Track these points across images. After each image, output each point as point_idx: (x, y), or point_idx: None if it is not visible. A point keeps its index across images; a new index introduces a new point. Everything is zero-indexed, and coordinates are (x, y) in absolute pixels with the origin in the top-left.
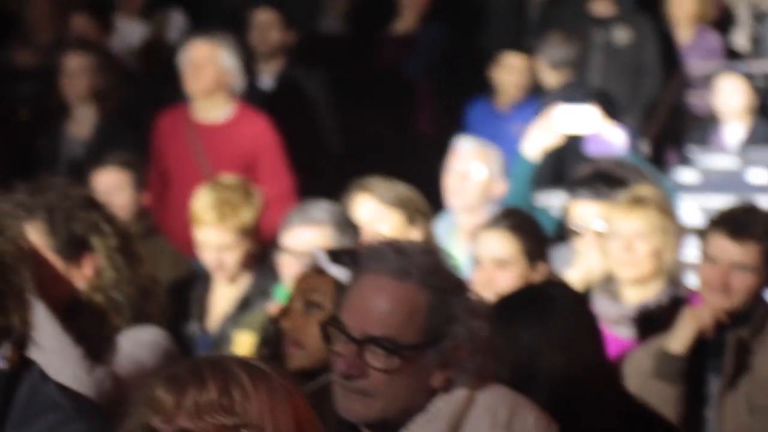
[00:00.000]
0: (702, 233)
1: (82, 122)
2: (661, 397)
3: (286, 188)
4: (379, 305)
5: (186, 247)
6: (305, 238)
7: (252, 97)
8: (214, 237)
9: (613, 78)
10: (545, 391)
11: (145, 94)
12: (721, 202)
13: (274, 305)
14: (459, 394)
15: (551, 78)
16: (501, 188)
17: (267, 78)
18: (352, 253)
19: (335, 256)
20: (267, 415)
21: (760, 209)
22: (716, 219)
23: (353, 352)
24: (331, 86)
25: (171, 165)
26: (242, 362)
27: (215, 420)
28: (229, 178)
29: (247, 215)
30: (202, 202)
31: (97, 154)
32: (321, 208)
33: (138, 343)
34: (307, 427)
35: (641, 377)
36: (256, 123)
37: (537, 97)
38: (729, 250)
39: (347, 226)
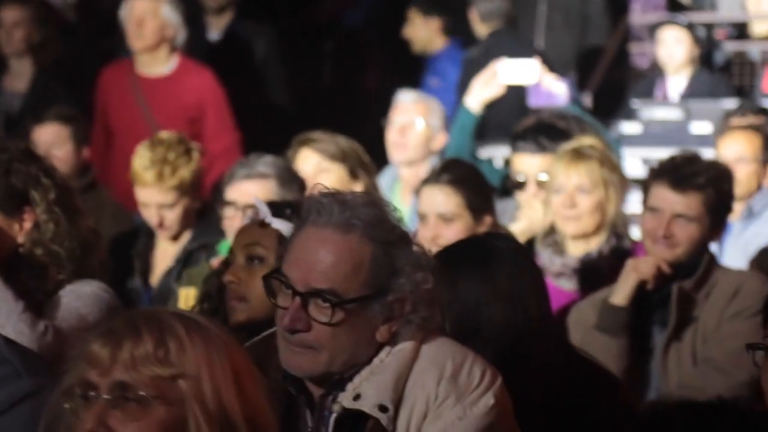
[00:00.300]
0: (644, 184)
1: (19, 76)
2: (604, 349)
3: (232, 143)
4: (322, 258)
5: (131, 202)
6: (249, 192)
7: (200, 50)
8: (155, 196)
9: (557, 29)
10: (489, 343)
11: (83, 47)
12: (664, 154)
13: (217, 260)
14: (404, 347)
15: (481, 30)
16: (442, 141)
17: (215, 31)
18: (295, 206)
19: (277, 209)
20: (203, 365)
21: (701, 159)
22: (658, 169)
23: (297, 306)
24: (278, 40)
25: (116, 119)
26: (178, 315)
27: (151, 371)
28: (167, 135)
29: (186, 172)
30: (141, 161)
31: (34, 107)
32: (265, 162)
33: (79, 297)
34: (245, 378)
35: (585, 330)
36: (200, 76)
37: (459, 50)
38: (671, 200)
39: (291, 179)
